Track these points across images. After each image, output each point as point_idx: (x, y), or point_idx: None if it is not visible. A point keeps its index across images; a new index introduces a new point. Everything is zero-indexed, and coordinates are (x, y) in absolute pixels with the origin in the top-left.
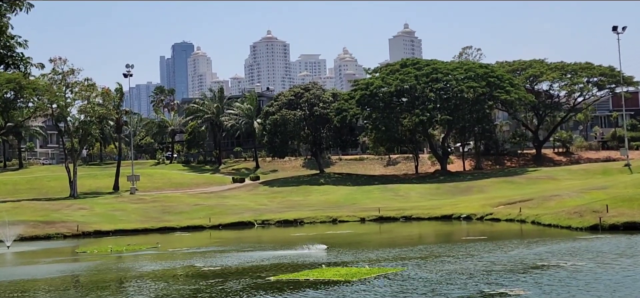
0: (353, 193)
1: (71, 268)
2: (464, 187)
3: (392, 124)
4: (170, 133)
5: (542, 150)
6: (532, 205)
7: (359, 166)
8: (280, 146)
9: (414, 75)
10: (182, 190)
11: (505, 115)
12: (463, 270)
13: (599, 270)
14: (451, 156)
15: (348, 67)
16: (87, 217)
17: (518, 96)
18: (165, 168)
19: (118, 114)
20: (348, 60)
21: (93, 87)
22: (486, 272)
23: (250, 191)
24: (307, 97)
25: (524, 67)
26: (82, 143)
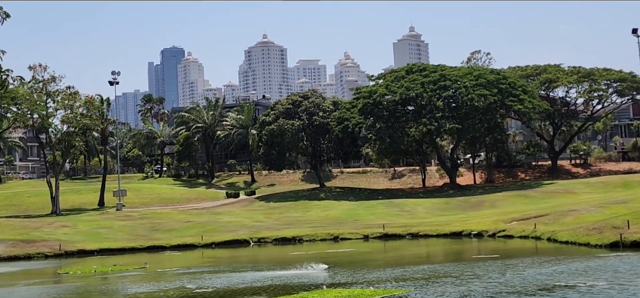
0: (355, 209)
1: (53, 292)
2: (474, 202)
3: (397, 135)
4: (159, 145)
5: (558, 161)
6: (547, 220)
7: (362, 179)
8: (277, 158)
9: (420, 82)
10: (172, 206)
11: (518, 124)
12: (471, 293)
13: (614, 293)
14: (461, 168)
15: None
16: (70, 235)
17: (532, 104)
18: (154, 183)
19: (103, 124)
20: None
21: (76, 96)
22: (495, 294)
23: (245, 207)
24: (306, 106)
25: (537, 72)
26: (65, 156)
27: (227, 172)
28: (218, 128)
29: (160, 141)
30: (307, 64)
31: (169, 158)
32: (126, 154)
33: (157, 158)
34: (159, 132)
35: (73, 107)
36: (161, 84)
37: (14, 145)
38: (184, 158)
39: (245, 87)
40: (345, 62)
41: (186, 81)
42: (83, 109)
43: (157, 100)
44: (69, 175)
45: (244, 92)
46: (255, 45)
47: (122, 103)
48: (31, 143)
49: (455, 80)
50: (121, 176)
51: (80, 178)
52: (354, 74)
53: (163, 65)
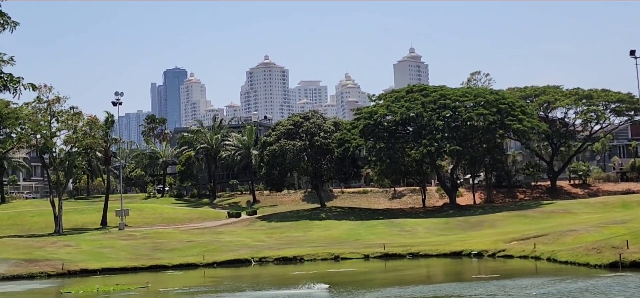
0: (356, 229)
1: None
2: (474, 222)
3: (397, 155)
4: (161, 165)
5: (557, 182)
6: (547, 240)
7: (363, 199)
8: (278, 178)
9: (420, 102)
10: (175, 226)
11: (517, 144)
12: None
13: None
14: (460, 188)
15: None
16: (73, 254)
17: (531, 124)
18: (157, 203)
19: (106, 143)
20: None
21: (79, 116)
22: None
23: (246, 226)
24: (307, 127)
25: (537, 94)
26: (68, 175)
27: (229, 192)
28: (221, 148)
29: (163, 161)
30: (308, 85)
31: (171, 179)
32: (129, 174)
33: (160, 178)
34: (162, 152)
35: (76, 127)
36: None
37: (18, 165)
38: (186, 179)
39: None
40: (346, 83)
41: (188, 102)
42: (86, 128)
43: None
44: (72, 195)
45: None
46: (256, 66)
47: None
48: (35, 163)
49: (455, 100)
50: (124, 196)
51: (83, 198)
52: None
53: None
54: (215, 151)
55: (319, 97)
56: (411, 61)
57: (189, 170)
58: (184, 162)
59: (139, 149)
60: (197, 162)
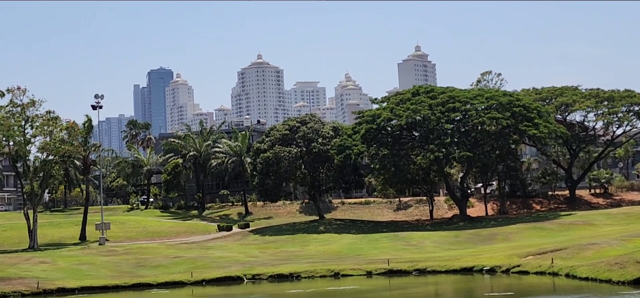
0: (358, 243)
1: None
2: (486, 235)
3: (402, 162)
4: (145, 174)
5: (576, 191)
6: (565, 255)
7: (365, 211)
8: (273, 188)
9: (427, 104)
10: (160, 240)
11: (533, 150)
12: None
13: None
14: (471, 199)
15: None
16: (49, 272)
17: (548, 128)
18: (140, 215)
19: (85, 151)
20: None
21: (56, 121)
22: None
23: (238, 241)
24: (304, 132)
25: (554, 95)
26: (44, 186)
27: (219, 203)
28: (210, 156)
29: (147, 170)
30: (305, 86)
31: (156, 189)
32: (110, 184)
33: (144, 188)
34: (146, 160)
35: (53, 133)
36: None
37: None
38: (173, 189)
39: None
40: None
41: (175, 105)
42: (64, 134)
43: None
44: (48, 207)
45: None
46: (249, 67)
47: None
48: (7, 172)
49: (465, 102)
50: (104, 208)
51: (60, 210)
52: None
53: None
54: (204, 159)
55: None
56: (417, 60)
57: (175, 179)
58: (170, 170)
59: (120, 157)
60: (185, 171)
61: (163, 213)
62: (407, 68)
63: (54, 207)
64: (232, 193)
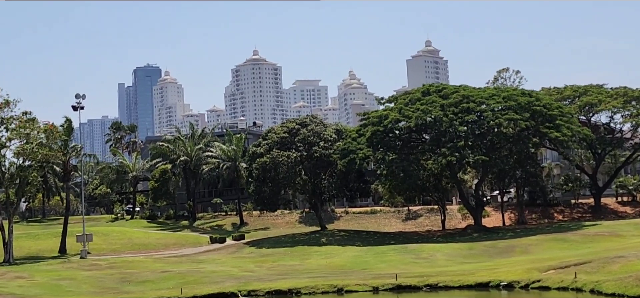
0: (363, 256)
1: None
2: (503, 247)
3: (412, 168)
4: (131, 180)
5: (601, 199)
6: (590, 269)
7: (371, 221)
8: (270, 196)
9: (439, 105)
10: (147, 253)
11: (554, 155)
12: None
13: None
14: (487, 207)
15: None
16: (26, 288)
17: (570, 131)
18: (125, 226)
19: (65, 155)
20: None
21: (33, 123)
22: None
23: (232, 254)
24: (305, 134)
25: (577, 94)
26: (20, 194)
27: (212, 213)
28: (202, 161)
29: (133, 176)
30: (305, 84)
31: (142, 197)
32: (92, 192)
33: (129, 196)
34: (131, 166)
35: (30, 136)
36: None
37: None
38: (161, 197)
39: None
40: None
41: (163, 105)
42: (41, 137)
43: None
44: (24, 217)
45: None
46: (244, 63)
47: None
48: None
49: (480, 102)
50: (86, 218)
51: (38, 220)
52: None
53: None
54: (195, 164)
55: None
56: (428, 56)
57: (163, 186)
58: (157, 177)
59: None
60: (174, 177)
61: (150, 224)
62: (416, 65)
63: (31, 217)
64: (225, 202)
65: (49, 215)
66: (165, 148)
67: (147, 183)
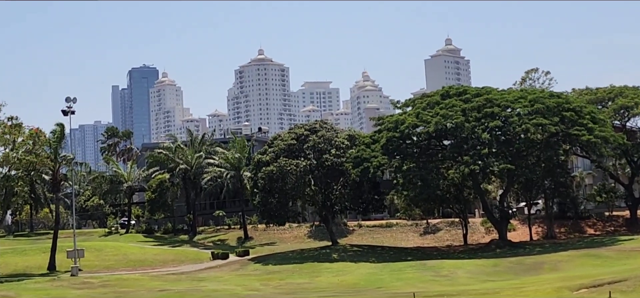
0: (378, 273)
1: None
2: (530, 263)
3: (430, 177)
4: (126, 191)
5: (638, 211)
6: (626, 288)
7: (386, 235)
8: (277, 208)
9: (460, 109)
10: (143, 270)
11: (586, 163)
12: None
13: None
14: (512, 220)
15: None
16: None
17: (604, 136)
18: (120, 240)
19: (55, 164)
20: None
21: (19, 128)
22: None
23: (236, 271)
24: (314, 141)
25: (611, 97)
26: (5, 206)
27: (214, 227)
28: (203, 170)
29: (128, 187)
30: (314, 86)
31: (138, 209)
32: (84, 204)
33: (124, 208)
34: (126, 175)
35: (15, 142)
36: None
37: None
38: (158, 209)
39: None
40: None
41: (160, 110)
42: (28, 144)
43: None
44: (10, 231)
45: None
46: (248, 64)
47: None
48: None
49: (505, 106)
50: (77, 232)
51: (26, 234)
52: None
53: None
54: (195, 173)
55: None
56: (448, 56)
57: (161, 198)
58: (155, 187)
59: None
60: (173, 188)
61: (147, 238)
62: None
63: (17, 231)
64: (228, 215)
65: (37, 228)
66: (162, 156)
67: (144, 195)
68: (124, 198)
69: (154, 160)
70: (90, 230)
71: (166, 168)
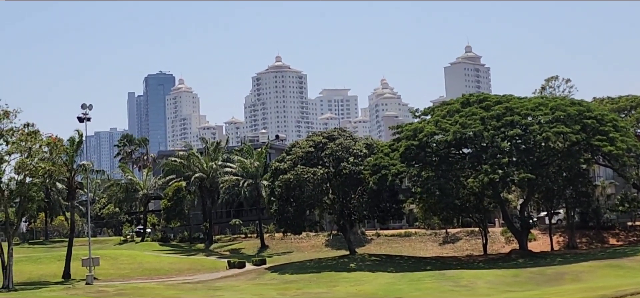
0: (396, 283)
1: None
2: (552, 274)
3: (450, 186)
4: (141, 199)
5: None
6: None
7: (405, 244)
8: (294, 217)
9: (479, 117)
10: (159, 279)
11: (608, 172)
12: None
13: None
14: (533, 230)
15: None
16: None
17: (626, 144)
18: (135, 249)
19: (70, 171)
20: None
21: (36, 136)
22: None
23: (253, 280)
24: (332, 149)
25: (633, 105)
26: (21, 213)
27: (230, 235)
28: (219, 178)
29: (143, 194)
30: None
31: (154, 217)
32: (99, 211)
33: (139, 216)
34: (142, 183)
35: (31, 150)
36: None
37: None
38: (174, 217)
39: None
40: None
41: (177, 117)
42: (44, 152)
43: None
44: (25, 239)
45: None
46: (265, 71)
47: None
48: None
49: (525, 114)
50: (93, 240)
51: (40, 242)
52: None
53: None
54: (212, 181)
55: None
56: (467, 63)
57: (177, 206)
58: (171, 195)
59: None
60: (189, 196)
61: (162, 247)
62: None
63: (32, 238)
64: (245, 223)
65: (52, 236)
66: (178, 164)
67: (159, 203)
68: (140, 206)
69: (169, 167)
70: (105, 238)
71: (182, 176)
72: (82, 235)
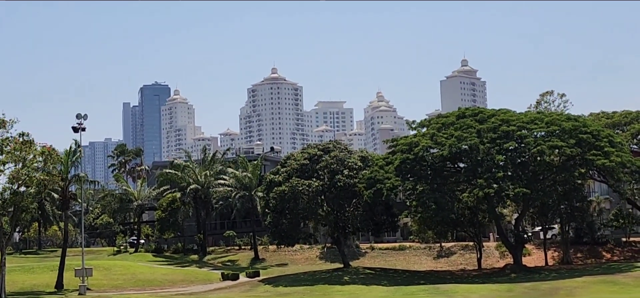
0: (390, 296)
1: None
2: (546, 289)
3: (445, 200)
4: (136, 210)
5: None
6: None
7: (399, 258)
8: (288, 229)
9: (475, 130)
10: (152, 290)
11: (603, 188)
12: None
13: None
14: (528, 245)
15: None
16: None
17: (621, 160)
18: (129, 259)
19: (65, 181)
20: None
21: (30, 145)
22: None
23: (246, 292)
24: (327, 161)
25: (628, 121)
26: (14, 223)
27: (224, 247)
28: (213, 190)
29: (138, 205)
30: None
31: (148, 228)
32: (93, 222)
33: (133, 227)
34: (136, 194)
35: (26, 159)
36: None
37: None
38: (168, 228)
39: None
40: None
41: (172, 128)
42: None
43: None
44: (18, 249)
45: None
46: (261, 83)
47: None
48: None
49: (520, 128)
50: (86, 250)
51: (33, 252)
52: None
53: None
54: (206, 193)
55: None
56: (463, 77)
57: (171, 217)
58: (165, 206)
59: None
60: (183, 207)
61: (156, 258)
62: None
63: (25, 248)
64: (239, 235)
65: (45, 246)
66: (173, 175)
67: (154, 213)
68: (134, 217)
69: (164, 178)
70: (98, 249)
71: (177, 187)
72: (76, 245)
